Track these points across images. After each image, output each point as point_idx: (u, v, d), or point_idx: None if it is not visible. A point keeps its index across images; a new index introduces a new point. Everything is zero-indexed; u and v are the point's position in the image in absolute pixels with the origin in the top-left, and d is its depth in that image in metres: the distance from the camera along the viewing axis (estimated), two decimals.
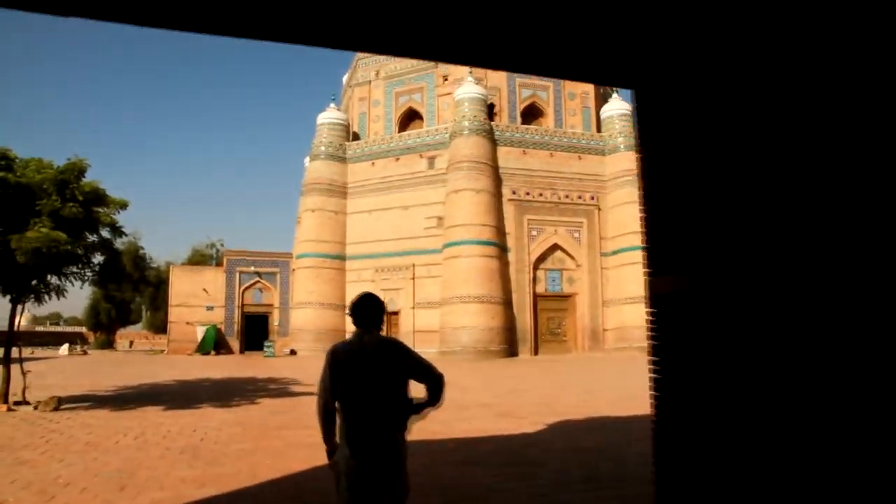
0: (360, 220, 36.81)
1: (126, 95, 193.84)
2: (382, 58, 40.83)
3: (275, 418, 10.58)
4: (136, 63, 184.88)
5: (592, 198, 35.23)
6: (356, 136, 40.52)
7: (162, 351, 43.27)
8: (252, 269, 40.90)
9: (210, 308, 40.01)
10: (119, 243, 14.56)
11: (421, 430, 3.31)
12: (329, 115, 39.15)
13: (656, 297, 2.94)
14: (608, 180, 35.62)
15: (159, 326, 51.87)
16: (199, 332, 38.67)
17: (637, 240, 30.33)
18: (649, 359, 2.90)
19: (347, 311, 3.49)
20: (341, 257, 36.86)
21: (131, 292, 52.07)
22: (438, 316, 32.41)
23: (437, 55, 2.80)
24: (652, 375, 2.88)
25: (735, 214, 2.55)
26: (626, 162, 35.38)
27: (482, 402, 12.71)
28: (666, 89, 3.02)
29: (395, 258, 35.07)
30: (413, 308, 34.11)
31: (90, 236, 12.98)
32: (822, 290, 2.16)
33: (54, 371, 22.89)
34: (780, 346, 2.28)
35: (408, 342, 3.10)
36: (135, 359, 35.51)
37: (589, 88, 39.11)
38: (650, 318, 2.94)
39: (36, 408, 11.68)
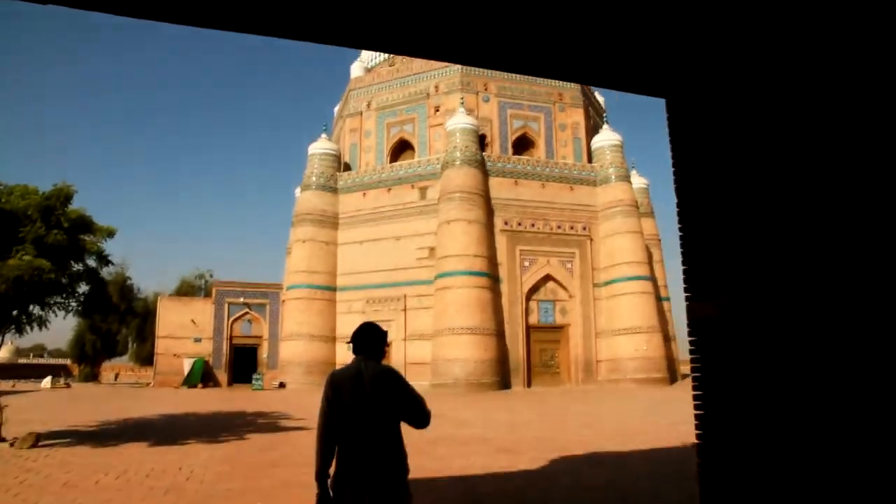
0: (352, 250, 36.47)
1: (114, 120, 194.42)
2: (374, 88, 41.02)
3: (265, 455, 10.14)
4: (125, 88, 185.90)
5: (584, 228, 35.15)
6: (347, 167, 40.44)
7: (148, 384, 42.38)
8: (241, 300, 40.32)
9: (198, 340, 39.31)
10: (105, 273, 14.17)
11: (419, 467, 3.11)
12: (320, 146, 39.05)
13: (697, 323, 2.67)
14: (600, 211, 35.64)
15: (146, 358, 50.75)
16: (187, 365, 37.95)
17: (629, 270, 30.18)
18: (693, 393, 2.62)
19: (348, 340, 3.39)
20: (332, 288, 36.40)
21: (117, 323, 50.99)
22: (430, 348, 31.92)
23: (460, 57, 2.57)
24: (696, 412, 2.60)
25: (786, 229, 2.31)
26: (617, 192, 35.55)
27: (480, 436, 12.31)
28: (701, 98, 2.80)
29: (386, 289, 34.67)
30: (404, 340, 33.58)
31: (75, 265, 12.62)
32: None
33: (35, 405, 22.20)
34: (855, 374, 2.00)
35: None
36: (120, 392, 34.70)
37: (580, 119, 39.37)
38: (692, 346, 2.67)
39: (12, 444, 11.14)
